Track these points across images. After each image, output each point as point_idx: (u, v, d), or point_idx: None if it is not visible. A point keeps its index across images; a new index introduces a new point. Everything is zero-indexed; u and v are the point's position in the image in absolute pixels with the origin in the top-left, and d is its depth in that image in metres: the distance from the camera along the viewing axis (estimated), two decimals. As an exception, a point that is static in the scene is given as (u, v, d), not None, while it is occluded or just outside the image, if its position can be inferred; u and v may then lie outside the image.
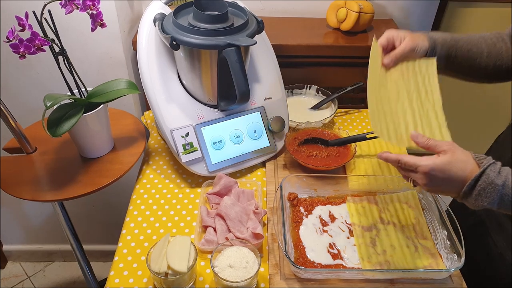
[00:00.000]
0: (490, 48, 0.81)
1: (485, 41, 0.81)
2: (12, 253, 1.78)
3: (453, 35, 0.81)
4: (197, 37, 0.82)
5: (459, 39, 0.81)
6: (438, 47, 0.80)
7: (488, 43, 0.81)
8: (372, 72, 0.78)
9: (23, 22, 0.74)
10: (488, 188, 0.61)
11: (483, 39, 0.81)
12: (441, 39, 0.80)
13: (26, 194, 0.87)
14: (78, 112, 0.83)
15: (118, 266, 0.79)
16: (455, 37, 0.81)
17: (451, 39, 0.80)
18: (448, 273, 0.76)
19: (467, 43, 0.81)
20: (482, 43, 0.81)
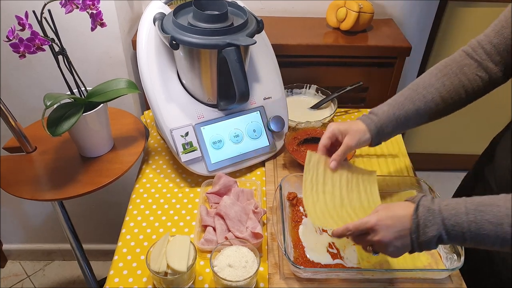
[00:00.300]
0: (446, 94, 0.78)
1: (439, 92, 0.78)
2: (11, 252, 1.78)
3: (395, 107, 0.78)
4: (197, 37, 0.82)
5: (404, 107, 0.78)
6: (383, 134, 0.79)
7: (442, 93, 0.78)
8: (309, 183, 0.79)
9: (23, 21, 0.74)
10: (429, 216, 0.63)
11: (436, 91, 0.77)
12: (385, 119, 0.78)
13: (26, 193, 0.87)
14: (78, 112, 0.83)
15: (117, 265, 0.79)
16: (399, 111, 0.78)
17: (395, 117, 0.78)
18: (448, 273, 0.76)
19: (414, 112, 0.78)
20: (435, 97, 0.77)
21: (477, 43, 0.78)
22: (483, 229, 0.59)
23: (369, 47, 1.19)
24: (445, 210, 0.62)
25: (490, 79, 0.77)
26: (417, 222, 0.63)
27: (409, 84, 0.81)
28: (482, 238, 0.59)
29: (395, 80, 1.25)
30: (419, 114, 0.78)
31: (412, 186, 0.92)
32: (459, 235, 0.61)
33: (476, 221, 0.59)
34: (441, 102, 0.78)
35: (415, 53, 1.46)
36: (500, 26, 0.75)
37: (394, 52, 1.20)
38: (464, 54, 0.79)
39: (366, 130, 0.78)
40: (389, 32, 1.26)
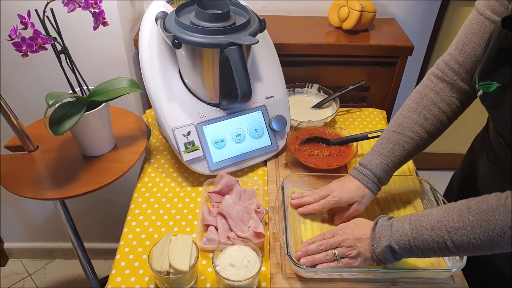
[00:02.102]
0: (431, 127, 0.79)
1: (424, 128, 0.79)
2: (13, 251, 1.79)
3: (387, 157, 0.80)
4: (199, 36, 0.82)
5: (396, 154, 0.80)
6: (382, 184, 0.82)
7: (426, 128, 0.79)
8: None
9: (26, 20, 0.74)
10: (382, 230, 0.70)
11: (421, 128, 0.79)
12: (380, 173, 0.80)
13: (27, 192, 0.87)
14: (79, 111, 0.83)
15: (119, 264, 0.80)
16: (391, 160, 0.80)
17: (389, 167, 0.80)
18: (450, 273, 0.76)
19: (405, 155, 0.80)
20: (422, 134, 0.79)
21: (444, 64, 0.79)
22: (421, 235, 0.65)
23: (371, 46, 1.19)
24: (394, 224, 0.69)
25: (465, 97, 0.79)
26: (374, 236, 0.70)
27: (393, 123, 0.82)
28: (424, 244, 0.65)
29: (397, 80, 1.25)
30: (409, 155, 0.81)
31: (414, 185, 0.92)
32: (406, 244, 0.66)
33: (416, 229, 0.66)
34: (427, 136, 0.80)
35: (417, 52, 1.46)
36: (462, 43, 0.75)
37: (396, 51, 1.20)
38: (435, 78, 0.80)
39: (369, 192, 0.81)
40: (391, 32, 1.25)
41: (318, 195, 0.84)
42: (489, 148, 0.81)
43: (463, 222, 0.62)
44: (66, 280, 1.75)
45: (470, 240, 0.61)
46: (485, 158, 0.82)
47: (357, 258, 0.71)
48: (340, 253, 0.72)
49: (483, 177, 0.84)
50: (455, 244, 0.62)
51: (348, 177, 0.84)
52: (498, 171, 0.77)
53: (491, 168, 0.79)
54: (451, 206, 0.65)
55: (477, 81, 0.66)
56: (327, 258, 0.73)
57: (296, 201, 0.87)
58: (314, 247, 0.75)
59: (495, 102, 0.64)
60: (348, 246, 0.72)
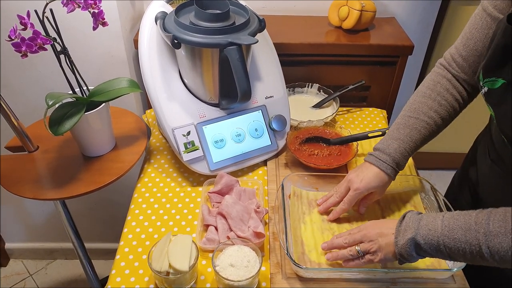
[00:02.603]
0: (445, 113, 0.80)
1: (438, 114, 0.80)
2: (14, 251, 1.79)
3: (405, 141, 0.80)
4: (199, 36, 0.82)
5: (412, 139, 0.80)
6: (399, 169, 0.82)
7: (441, 114, 0.80)
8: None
9: (25, 21, 0.74)
10: (409, 222, 0.67)
11: (436, 114, 0.80)
12: (399, 157, 0.80)
13: (28, 193, 0.87)
14: (79, 111, 0.83)
15: (119, 264, 0.80)
16: (409, 144, 0.80)
17: (407, 151, 0.80)
18: (451, 273, 0.76)
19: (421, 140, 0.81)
20: (437, 119, 0.80)
21: (450, 56, 0.80)
22: (454, 233, 0.61)
23: (371, 45, 1.18)
24: (425, 218, 0.66)
25: (471, 88, 0.80)
26: (399, 228, 0.67)
27: (407, 109, 0.82)
28: (455, 244, 0.61)
29: (397, 79, 1.25)
30: (425, 140, 0.81)
31: (414, 185, 0.92)
32: (434, 241, 0.63)
33: (449, 226, 0.62)
34: (441, 122, 0.80)
35: (418, 51, 1.45)
36: (466, 38, 0.76)
37: (396, 50, 1.19)
38: (443, 68, 0.82)
39: (387, 178, 0.81)
40: (391, 31, 1.25)
41: (341, 191, 0.83)
42: (491, 148, 0.81)
43: (505, 228, 0.57)
44: (67, 280, 1.75)
45: (509, 249, 0.56)
46: (487, 158, 0.81)
47: (377, 253, 0.69)
48: (363, 249, 0.71)
49: (485, 177, 0.84)
50: (491, 250, 0.58)
51: (365, 165, 0.82)
52: (500, 171, 0.77)
53: (493, 167, 0.79)
54: (494, 211, 0.60)
55: (482, 78, 0.66)
56: (350, 254, 0.72)
57: (322, 206, 0.86)
58: (339, 241, 0.75)
59: (499, 99, 0.64)
60: (369, 241, 0.70)
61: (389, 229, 0.69)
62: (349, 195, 0.81)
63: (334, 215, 0.84)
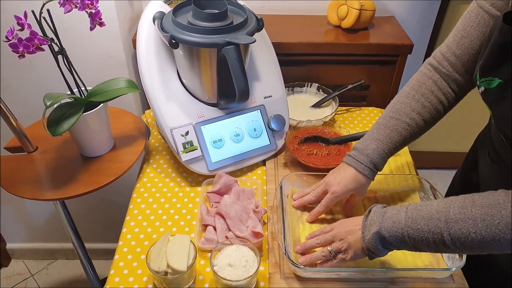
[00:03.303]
0: (427, 115, 0.79)
1: (421, 116, 0.78)
2: (15, 251, 1.79)
3: (384, 142, 0.78)
4: (196, 36, 0.82)
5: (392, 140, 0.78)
6: (378, 170, 0.80)
7: (423, 115, 0.78)
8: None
9: (22, 21, 0.74)
10: (374, 216, 0.67)
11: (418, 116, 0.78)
12: (377, 158, 0.78)
13: (27, 193, 0.87)
14: (78, 111, 0.83)
15: (118, 264, 0.80)
16: (388, 146, 0.78)
17: (385, 152, 0.79)
18: (449, 273, 0.76)
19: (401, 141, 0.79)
20: (418, 121, 0.78)
21: (441, 55, 0.79)
22: (417, 224, 0.62)
23: (371, 45, 1.18)
24: (389, 211, 0.66)
25: (460, 89, 0.79)
26: (365, 223, 0.68)
27: (390, 109, 0.81)
28: (418, 234, 0.62)
29: (396, 78, 1.25)
30: (405, 142, 0.80)
31: (413, 184, 0.92)
32: (398, 233, 0.63)
33: (412, 217, 0.63)
34: (423, 124, 0.79)
35: (417, 50, 1.45)
36: (460, 36, 0.75)
37: (396, 50, 1.19)
38: (432, 68, 0.80)
39: (365, 180, 0.79)
40: (391, 30, 1.25)
41: (318, 192, 0.83)
42: (490, 147, 0.80)
43: (464, 215, 0.58)
44: (68, 281, 1.76)
45: (469, 234, 0.58)
46: (487, 157, 0.81)
47: (348, 251, 0.69)
48: (334, 248, 0.71)
49: (485, 176, 0.83)
50: (452, 237, 0.59)
51: (343, 166, 0.81)
52: (499, 170, 0.77)
53: (493, 167, 0.79)
54: (454, 199, 0.62)
55: (478, 78, 0.66)
56: (323, 256, 0.72)
57: (297, 202, 0.86)
58: (311, 242, 0.75)
59: (496, 99, 0.64)
60: (340, 239, 0.70)
61: (356, 226, 0.69)
62: (327, 197, 0.81)
63: (311, 217, 0.84)
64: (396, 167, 1.01)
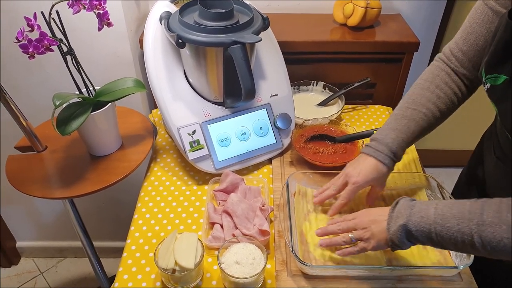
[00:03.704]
0: (443, 106, 0.80)
1: (437, 106, 0.79)
2: (25, 250, 1.82)
3: (402, 131, 0.79)
4: (203, 35, 0.83)
5: (410, 129, 0.79)
6: (397, 161, 0.81)
7: (439, 106, 0.79)
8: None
9: (32, 22, 0.75)
10: (401, 209, 0.66)
11: (434, 106, 0.79)
12: (396, 147, 0.79)
13: (37, 192, 0.88)
14: (86, 111, 0.84)
15: (126, 262, 0.80)
16: (406, 135, 0.79)
17: (404, 142, 0.79)
18: (457, 270, 0.75)
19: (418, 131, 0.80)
20: (435, 112, 0.79)
21: (450, 51, 0.80)
22: (447, 222, 0.61)
23: (377, 42, 1.18)
24: (418, 205, 0.65)
25: (470, 83, 0.80)
26: (392, 215, 0.67)
27: (406, 100, 0.81)
28: (446, 232, 0.60)
29: (403, 76, 1.24)
30: (423, 132, 0.80)
31: (420, 182, 0.91)
32: (425, 228, 0.62)
33: (442, 214, 0.62)
34: (439, 115, 0.80)
35: (424, 48, 1.44)
36: (466, 32, 0.76)
37: (402, 47, 1.19)
38: (442, 62, 0.81)
39: (386, 169, 0.80)
40: (397, 28, 1.24)
41: (338, 185, 0.82)
42: (496, 144, 0.80)
43: (499, 219, 0.56)
44: (77, 279, 1.77)
45: (502, 239, 0.56)
46: (492, 155, 0.81)
47: (370, 241, 0.69)
48: (356, 236, 0.71)
49: (491, 174, 0.83)
50: (483, 240, 0.57)
51: (362, 157, 0.81)
52: (504, 168, 0.77)
53: (498, 164, 0.79)
54: (489, 201, 0.60)
55: (484, 74, 0.66)
56: (343, 241, 0.72)
57: (318, 198, 0.85)
58: (333, 228, 0.75)
59: (502, 95, 0.63)
60: (362, 228, 0.70)
61: (382, 216, 0.68)
62: (347, 189, 0.80)
63: (333, 210, 0.83)
64: (403, 165, 1.00)
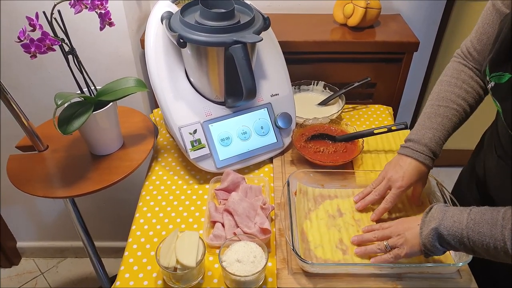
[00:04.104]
0: (472, 100, 0.82)
1: (466, 101, 0.81)
2: (25, 250, 1.82)
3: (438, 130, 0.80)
4: (204, 35, 0.83)
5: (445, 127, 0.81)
6: (438, 155, 0.82)
7: (468, 101, 0.81)
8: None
9: (34, 22, 0.75)
10: (435, 213, 0.67)
11: (464, 101, 0.81)
12: (434, 146, 0.80)
13: (38, 191, 0.88)
14: (87, 110, 0.85)
15: (128, 261, 0.81)
16: (442, 133, 0.80)
17: (441, 140, 0.81)
18: (456, 268, 0.76)
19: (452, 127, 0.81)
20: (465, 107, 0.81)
21: (466, 49, 0.82)
22: (480, 227, 0.61)
23: (377, 42, 1.18)
24: (451, 210, 0.66)
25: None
26: (425, 219, 0.68)
27: (435, 98, 0.83)
28: (479, 238, 0.61)
29: (403, 76, 1.25)
30: (455, 127, 0.82)
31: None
32: (458, 233, 0.63)
33: (475, 220, 0.62)
34: (469, 109, 0.82)
35: (424, 48, 1.45)
36: (480, 32, 0.77)
37: (402, 47, 1.19)
38: (462, 59, 0.83)
39: (427, 170, 0.82)
40: (397, 28, 1.25)
41: (380, 190, 0.83)
42: (497, 143, 0.80)
43: None
44: (78, 279, 1.78)
45: None
46: (494, 154, 0.81)
47: (403, 247, 0.70)
48: (391, 244, 0.72)
49: (492, 173, 0.84)
50: None
51: (401, 158, 0.82)
52: (506, 166, 0.77)
53: (500, 163, 0.79)
54: None
55: (488, 73, 0.66)
56: (378, 248, 0.74)
57: (360, 204, 0.86)
58: (369, 236, 0.77)
59: (506, 94, 0.64)
60: (397, 235, 0.72)
61: (415, 222, 0.70)
62: (393, 193, 0.81)
63: (377, 215, 0.83)
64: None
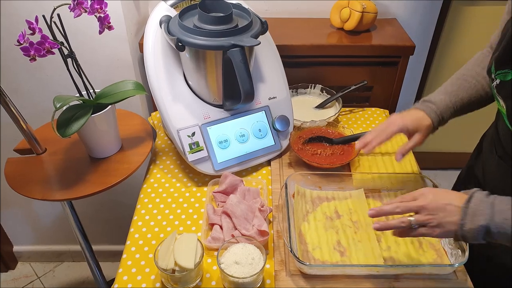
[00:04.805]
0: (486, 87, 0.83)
1: (486, 81, 0.81)
2: (22, 254, 1.81)
3: (452, 95, 0.82)
4: (202, 38, 0.84)
5: (459, 95, 0.82)
6: (442, 121, 0.83)
7: (488, 81, 0.81)
8: None
9: (33, 25, 0.76)
10: (480, 206, 0.63)
11: (484, 80, 0.82)
12: (443, 107, 0.82)
13: (36, 194, 0.88)
14: (86, 113, 0.85)
15: (126, 263, 0.81)
16: (455, 99, 0.82)
17: (452, 104, 0.82)
18: (452, 269, 0.76)
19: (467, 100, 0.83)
20: (484, 85, 0.82)
21: (491, 42, 0.83)
22: None
23: (373, 46, 1.20)
24: (497, 203, 0.62)
25: None
26: (467, 210, 0.63)
27: (456, 74, 0.86)
28: None
29: (399, 79, 1.26)
30: (471, 102, 0.83)
31: (417, 183, 0.93)
32: (508, 230, 0.60)
33: None
34: (488, 89, 0.82)
35: (420, 52, 1.46)
36: (501, 29, 0.77)
37: (398, 51, 1.20)
38: (489, 50, 0.85)
39: (431, 122, 0.82)
40: (393, 32, 1.26)
41: (381, 135, 0.83)
42: (497, 144, 0.81)
43: None
44: (75, 283, 1.77)
45: None
46: (494, 154, 0.82)
47: (435, 229, 0.65)
48: (418, 221, 0.65)
49: (492, 174, 0.84)
50: None
51: (410, 109, 0.85)
52: (507, 167, 0.77)
53: (500, 163, 0.79)
54: None
55: (494, 70, 0.67)
56: (402, 224, 0.66)
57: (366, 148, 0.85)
58: (390, 208, 0.68)
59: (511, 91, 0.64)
60: (427, 214, 0.65)
61: (450, 205, 0.64)
62: (389, 130, 0.82)
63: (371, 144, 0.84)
64: (400, 167, 1.02)
